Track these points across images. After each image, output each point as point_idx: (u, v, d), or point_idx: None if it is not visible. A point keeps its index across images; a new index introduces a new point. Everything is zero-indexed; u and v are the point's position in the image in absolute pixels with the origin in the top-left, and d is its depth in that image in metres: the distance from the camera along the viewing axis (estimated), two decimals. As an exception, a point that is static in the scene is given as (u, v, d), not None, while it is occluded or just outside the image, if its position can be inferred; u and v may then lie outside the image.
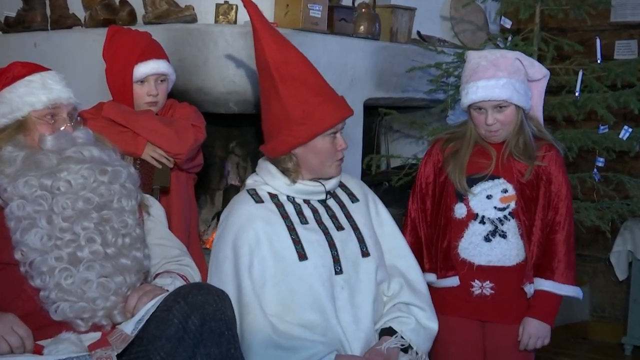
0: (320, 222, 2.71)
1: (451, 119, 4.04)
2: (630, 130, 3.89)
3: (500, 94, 2.83)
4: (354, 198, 2.82)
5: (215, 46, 3.52)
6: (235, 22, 3.65)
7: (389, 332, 2.70)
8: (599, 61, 3.97)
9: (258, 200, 2.71)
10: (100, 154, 2.49)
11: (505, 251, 2.91)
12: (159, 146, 3.10)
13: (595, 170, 3.97)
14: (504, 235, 2.91)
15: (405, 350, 2.69)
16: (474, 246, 2.93)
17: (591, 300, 5.42)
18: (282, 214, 2.68)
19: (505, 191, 2.91)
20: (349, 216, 2.77)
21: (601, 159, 4.00)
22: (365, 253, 2.72)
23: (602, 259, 5.35)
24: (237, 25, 3.62)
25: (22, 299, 2.38)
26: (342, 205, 2.78)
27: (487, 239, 2.92)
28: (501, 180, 2.91)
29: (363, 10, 4.08)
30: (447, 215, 2.96)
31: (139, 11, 3.85)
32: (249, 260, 2.60)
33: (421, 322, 2.74)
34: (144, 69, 3.15)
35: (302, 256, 2.62)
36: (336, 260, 2.66)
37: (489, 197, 2.91)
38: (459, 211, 2.94)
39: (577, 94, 3.86)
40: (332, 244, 2.67)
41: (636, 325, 5.07)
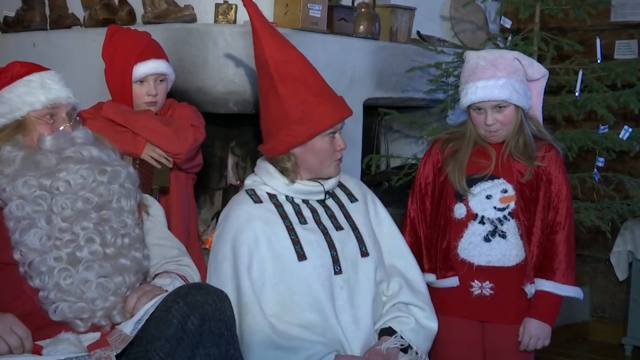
0: (319, 222, 2.70)
1: (451, 119, 4.03)
2: (630, 130, 3.89)
3: (500, 94, 2.83)
4: (352, 198, 2.82)
5: (215, 46, 3.52)
6: (234, 21, 3.65)
7: (388, 332, 2.69)
8: (599, 61, 3.96)
9: (257, 200, 2.70)
10: (100, 153, 2.49)
11: (505, 251, 2.91)
12: (159, 146, 3.10)
13: (595, 170, 3.97)
14: (503, 236, 2.91)
15: (405, 350, 2.68)
16: (473, 246, 2.92)
17: (591, 301, 5.40)
18: (281, 214, 2.67)
19: (505, 191, 2.91)
20: (348, 216, 2.76)
21: (601, 159, 3.99)
22: (364, 253, 2.71)
23: (602, 259, 5.33)
24: (236, 25, 3.61)
25: (21, 299, 2.37)
26: (341, 205, 2.78)
27: (486, 239, 2.91)
28: (501, 180, 2.91)
29: (363, 10, 4.08)
30: (447, 215, 2.95)
31: (138, 11, 3.84)
32: (248, 261, 2.60)
33: (421, 322, 2.74)
34: (143, 69, 3.14)
35: (301, 256, 2.61)
36: (335, 260, 2.66)
37: (488, 197, 2.91)
38: (459, 211, 2.94)
39: (577, 93, 3.85)
40: (331, 244, 2.67)
41: (636, 325, 5.06)
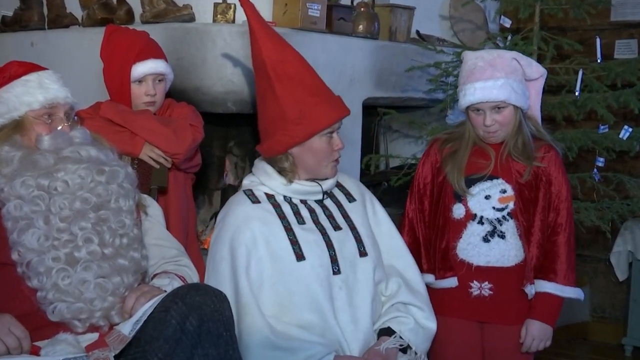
0: (317, 222, 2.70)
1: (450, 119, 4.02)
2: (631, 130, 3.88)
3: (498, 95, 2.82)
4: (351, 198, 2.82)
5: (214, 45, 3.51)
6: (233, 21, 3.64)
7: (387, 332, 2.69)
8: (599, 60, 3.96)
9: (255, 200, 2.70)
10: (98, 153, 2.49)
11: (504, 252, 2.90)
12: (157, 146, 3.09)
13: (595, 170, 3.96)
14: (502, 236, 2.90)
15: (404, 350, 2.68)
16: (472, 247, 2.91)
17: (591, 301, 5.40)
18: (279, 215, 2.67)
19: (504, 191, 2.90)
20: (346, 216, 2.76)
21: (601, 159, 3.99)
22: (362, 253, 2.71)
23: (602, 259, 5.33)
24: (235, 25, 3.60)
25: (19, 299, 2.37)
26: (339, 205, 2.78)
27: (485, 239, 2.90)
28: (500, 180, 2.90)
29: (362, 9, 4.07)
30: (446, 215, 2.95)
31: (136, 10, 3.83)
32: (246, 261, 2.59)
33: (420, 322, 2.73)
34: (141, 69, 3.14)
35: (300, 256, 2.61)
36: (334, 261, 2.65)
37: (487, 197, 2.90)
38: (458, 211, 2.93)
39: (577, 93, 3.85)
40: (329, 244, 2.66)
41: (636, 325, 5.05)
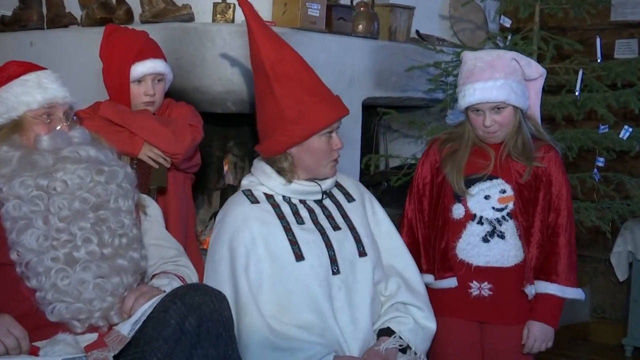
0: (316, 222, 2.69)
1: (450, 119, 4.01)
2: (631, 130, 3.88)
3: (498, 96, 2.81)
4: (350, 198, 2.81)
5: (213, 45, 3.50)
6: (232, 21, 3.64)
7: (387, 332, 2.69)
8: (599, 60, 3.95)
9: (254, 200, 2.69)
10: (97, 153, 2.49)
11: (504, 252, 2.90)
12: (156, 146, 3.09)
13: (596, 170, 3.96)
14: (502, 236, 2.90)
15: (404, 350, 2.68)
16: (472, 247, 2.91)
17: (591, 301, 5.39)
18: (278, 215, 2.66)
19: (504, 192, 2.89)
20: (345, 216, 2.75)
21: (601, 159, 3.98)
22: (362, 253, 2.71)
23: (603, 259, 5.33)
24: (234, 24, 3.60)
25: (18, 300, 2.37)
26: (338, 205, 2.77)
27: (485, 239, 2.90)
28: (499, 180, 2.90)
29: (362, 9, 4.07)
30: (445, 215, 2.94)
31: (136, 10, 3.83)
32: (245, 261, 2.59)
33: (419, 322, 2.73)
34: (141, 69, 3.13)
35: (299, 256, 2.60)
36: (333, 261, 2.65)
37: (487, 197, 2.90)
38: (457, 212, 2.93)
39: (577, 93, 3.84)
40: (328, 244, 2.66)
41: (637, 326, 5.05)
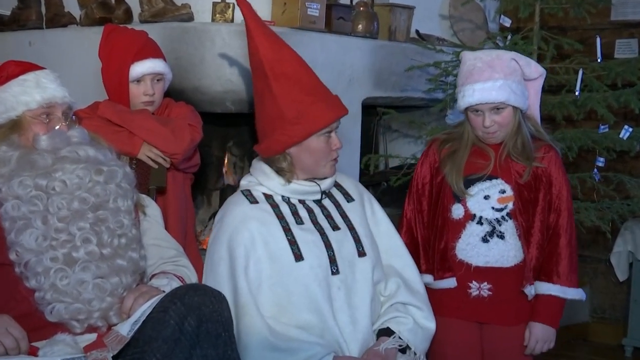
0: (315, 222, 2.69)
1: (450, 119, 4.01)
2: (631, 129, 3.88)
3: (497, 96, 2.81)
4: (349, 198, 2.81)
5: (212, 45, 3.50)
6: (232, 20, 3.63)
7: (386, 332, 2.69)
8: (599, 60, 3.95)
9: (253, 200, 2.69)
10: (96, 153, 2.48)
11: (503, 252, 2.89)
12: (155, 146, 3.08)
13: (596, 170, 3.96)
14: (501, 236, 2.89)
15: (403, 350, 2.67)
16: (471, 247, 2.91)
17: (591, 302, 5.39)
18: (277, 215, 2.66)
19: (503, 192, 2.89)
20: (344, 216, 2.75)
21: (601, 159, 3.98)
22: (361, 253, 2.70)
23: (603, 259, 5.32)
24: (234, 24, 3.59)
25: (17, 300, 2.37)
26: (337, 205, 2.77)
27: (484, 239, 2.90)
28: (499, 180, 2.89)
29: (361, 8, 4.06)
30: (444, 216, 2.94)
31: (135, 10, 3.82)
32: (244, 262, 2.59)
33: (419, 322, 2.73)
34: (140, 68, 3.13)
35: (298, 257, 2.60)
36: (332, 261, 2.64)
37: (486, 197, 2.89)
38: (456, 212, 2.92)
39: (577, 93, 3.84)
40: (328, 244, 2.65)
41: (637, 326, 5.05)
